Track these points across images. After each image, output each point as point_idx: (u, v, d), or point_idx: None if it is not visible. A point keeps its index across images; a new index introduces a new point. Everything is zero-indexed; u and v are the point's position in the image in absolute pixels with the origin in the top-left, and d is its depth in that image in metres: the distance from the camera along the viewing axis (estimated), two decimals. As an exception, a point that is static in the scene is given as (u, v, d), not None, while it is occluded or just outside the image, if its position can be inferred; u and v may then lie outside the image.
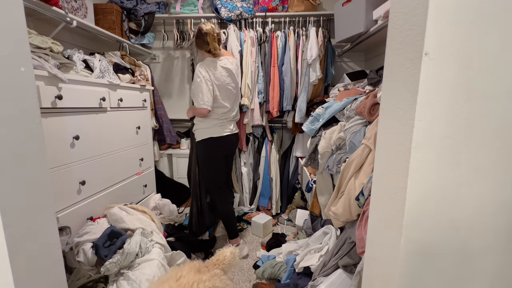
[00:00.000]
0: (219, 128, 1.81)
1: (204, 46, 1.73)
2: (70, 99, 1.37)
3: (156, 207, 2.23)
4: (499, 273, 0.56)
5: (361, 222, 0.93)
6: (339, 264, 1.21)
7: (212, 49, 1.73)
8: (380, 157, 0.62)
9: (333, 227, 1.51)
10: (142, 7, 2.38)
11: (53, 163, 1.30)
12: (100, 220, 1.54)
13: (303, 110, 2.31)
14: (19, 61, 0.64)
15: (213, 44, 1.72)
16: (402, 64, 0.51)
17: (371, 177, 0.94)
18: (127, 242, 1.36)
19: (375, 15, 1.62)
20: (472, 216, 0.52)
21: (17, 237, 0.62)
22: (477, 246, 0.53)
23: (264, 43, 2.39)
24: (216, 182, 1.91)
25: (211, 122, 1.80)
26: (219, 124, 1.82)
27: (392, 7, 0.55)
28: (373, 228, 0.67)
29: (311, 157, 1.57)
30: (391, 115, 0.56)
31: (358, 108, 1.24)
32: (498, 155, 0.50)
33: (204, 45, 1.73)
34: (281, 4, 2.44)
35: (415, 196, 0.50)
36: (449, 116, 0.47)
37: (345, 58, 2.66)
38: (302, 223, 2.08)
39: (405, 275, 0.54)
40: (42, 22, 1.71)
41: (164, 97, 2.80)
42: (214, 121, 1.80)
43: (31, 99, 0.67)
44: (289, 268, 1.60)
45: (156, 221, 1.64)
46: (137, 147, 2.06)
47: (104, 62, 1.74)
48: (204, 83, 1.69)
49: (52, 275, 0.75)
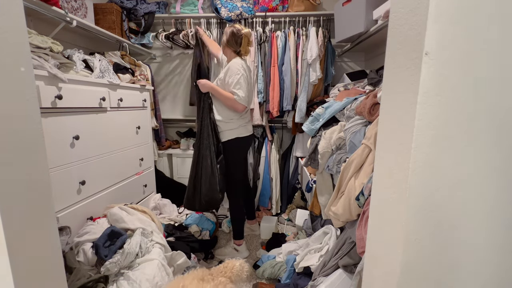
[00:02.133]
0: (244, 128, 1.85)
1: (236, 46, 1.76)
2: (70, 99, 1.37)
3: (156, 207, 2.24)
4: (499, 272, 0.56)
5: (361, 222, 0.93)
6: (339, 264, 1.21)
7: (243, 52, 1.79)
8: (380, 157, 0.62)
9: (333, 227, 1.51)
10: (142, 7, 2.38)
11: (53, 163, 1.30)
12: (100, 220, 1.54)
13: (303, 110, 2.31)
14: (19, 61, 0.64)
15: (245, 48, 1.78)
16: (402, 64, 0.51)
17: (371, 177, 0.94)
18: (127, 242, 1.35)
19: (375, 15, 1.62)
20: (473, 216, 0.52)
21: (17, 237, 0.62)
22: (477, 246, 0.53)
23: (264, 43, 2.39)
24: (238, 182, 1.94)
25: (238, 122, 1.82)
26: (244, 124, 1.85)
27: (392, 7, 0.55)
28: (373, 228, 0.67)
29: (311, 157, 1.57)
30: (391, 115, 0.56)
31: (358, 108, 1.24)
32: (498, 155, 0.50)
33: (236, 46, 1.76)
34: (281, 4, 2.44)
35: (415, 196, 0.50)
36: (449, 116, 0.47)
37: (345, 58, 2.66)
38: (302, 223, 2.08)
39: (405, 275, 0.54)
40: (42, 22, 1.71)
41: (164, 97, 2.80)
42: (241, 121, 1.83)
43: (31, 99, 0.67)
44: (289, 268, 1.60)
45: (156, 221, 1.64)
46: (137, 147, 2.06)
47: (104, 62, 1.74)
48: (244, 80, 1.71)
49: (52, 275, 0.75)
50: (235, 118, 1.81)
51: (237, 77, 1.68)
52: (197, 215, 2.20)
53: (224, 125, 1.82)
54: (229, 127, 1.82)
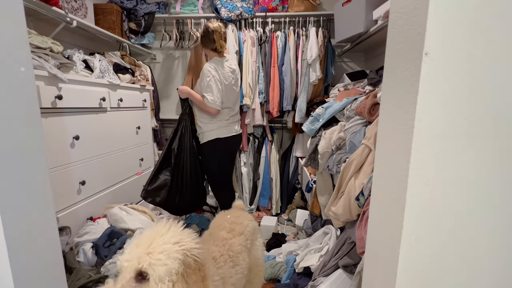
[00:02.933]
0: (225, 129, 1.83)
1: (210, 44, 1.74)
2: (70, 99, 1.37)
3: (156, 207, 2.23)
4: (500, 272, 0.56)
5: (361, 222, 0.93)
6: (339, 264, 1.21)
7: (219, 47, 1.74)
8: (380, 157, 0.62)
9: (333, 227, 1.51)
10: (142, 7, 2.38)
11: (53, 163, 1.30)
12: (100, 220, 1.54)
13: (303, 110, 2.31)
14: (19, 61, 0.64)
15: (219, 42, 1.73)
16: (402, 64, 0.51)
17: (371, 177, 0.94)
18: (127, 242, 1.35)
19: (375, 15, 1.62)
20: (473, 216, 0.52)
21: (17, 237, 0.62)
22: (478, 246, 0.53)
23: (264, 43, 2.39)
24: (220, 182, 1.92)
25: (218, 124, 1.81)
26: (225, 125, 1.83)
27: (392, 7, 0.55)
28: (373, 228, 0.67)
29: (311, 157, 1.57)
30: (391, 115, 0.56)
31: (358, 108, 1.24)
32: (498, 155, 0.50)
33: (211, 43, 1.74)
34: (281, 4, 2.44)
35: (415, 196, 0.50)
36: (449, 116, 0.47)
37: (345, 58, 2.66)
38: (302, 223, 2.08)
39: (405, 275, 0.54)
40: (42, 22, 1.71)
41: (164, 97, 2.80)
42: (221, 122, 1.81)
43: (31, 99, 0.67)
44: (289, 268, 1.60)
45: (156, 222, 1.64)
46: (137, 147, 2.06)
47: (104, 62, 1.74)
48: (214, 83, 1.69)
49: (52, 275, 0.75)
50: (214, 119, 1.80)
51: (207, 80, 1.69)
52: (197, 215, 2.19)
53: (203, 125, 1.82)
54: (209, 128, 1.81)
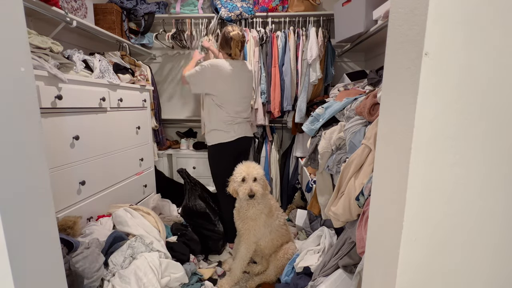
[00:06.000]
0: (227, 133, 1.85)
1: (226, 48, 1.80)
2: (70, 99, 1.37)
3: (156, 207, 2.23)
4: (500, 273, 0.56)
5: (361, 222, 0.93)
6: (339, 264, 1.21)
7: (233, 54, 1.81)
8: (380, 157, 0.62)
9: (326, 228, 1.56)
10: (142, 7, 2.38)
11: (53, 163, 1.30)
12: (103, 220, 1.54)
13: (303, 110, 2.31)
14: (19, 61, 0.64)
15: (235, 50, 1.80)
16: (402, 64, 0.51)
17: (371, 177, 0.94)
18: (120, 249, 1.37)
19: (375, 15, 1.62)
20: (473, 215, 0.52)
21: (17, 237, 0.62)
22: (478, 246, 0.53)
23: (264, 43, 2.39)
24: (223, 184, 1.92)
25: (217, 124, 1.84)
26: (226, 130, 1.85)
27: (392, 7, 0.55)
28: (373, 228, 0.67)
29: (311, 157, 1.57)
30: (391, 115, 0.56)
31: (358, 108, 1.24)
32: (498, 155, 0.50)
33: (227, 48, 1.79)
34: (281, 4, 2.44)
35: (415, 196, 0.50)
36: (449, 116, 0.47)
37: (345, 58, 2.66)
38: (302, 223, 2.08)
39: (405, 275, 0.54)
40: (42, 22, 1.71)
41: (164, 97, 2.80)
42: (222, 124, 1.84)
43: (31, 99, 0.67)
44: (289, 268, 1.60)
45: (160, 228, 1.60)
46: (137, 147, 2.05)
47: (104, 62, 1.74)
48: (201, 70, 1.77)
49: (52, 276, 0.75)
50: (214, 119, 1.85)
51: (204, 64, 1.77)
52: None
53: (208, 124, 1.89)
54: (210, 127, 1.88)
